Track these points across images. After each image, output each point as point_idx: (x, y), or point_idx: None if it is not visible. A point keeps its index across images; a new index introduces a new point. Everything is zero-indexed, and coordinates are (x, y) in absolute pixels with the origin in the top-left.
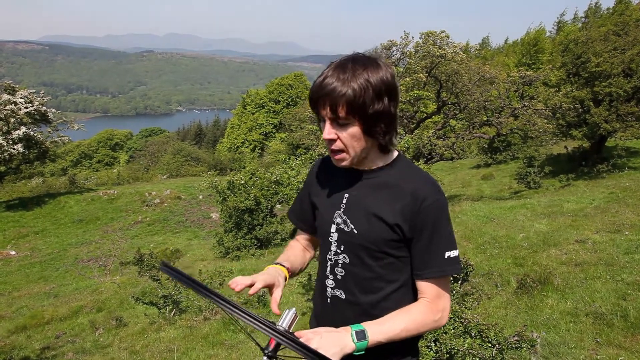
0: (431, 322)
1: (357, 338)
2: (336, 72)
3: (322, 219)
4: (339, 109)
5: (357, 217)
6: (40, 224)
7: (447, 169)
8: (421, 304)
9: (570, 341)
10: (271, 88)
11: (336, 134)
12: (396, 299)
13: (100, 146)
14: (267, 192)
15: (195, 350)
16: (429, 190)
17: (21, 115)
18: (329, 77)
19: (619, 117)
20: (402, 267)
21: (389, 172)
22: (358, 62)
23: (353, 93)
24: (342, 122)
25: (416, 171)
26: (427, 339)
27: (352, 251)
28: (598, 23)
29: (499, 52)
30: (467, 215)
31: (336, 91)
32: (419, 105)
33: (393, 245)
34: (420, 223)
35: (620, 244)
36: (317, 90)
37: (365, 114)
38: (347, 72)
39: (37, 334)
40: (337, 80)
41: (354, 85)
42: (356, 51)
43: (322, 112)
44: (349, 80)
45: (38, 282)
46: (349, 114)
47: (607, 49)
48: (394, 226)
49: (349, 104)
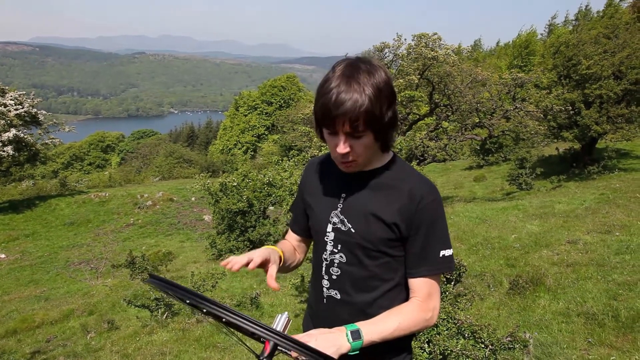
0: (422, 321)
1: (352, 338)
2: (347, 84)
3: (318, 219)
4: (359, 124)
5: (355, 217)
6: (31, 227)
7: (440, 171)
8: (413, 304)
9: (563, 341)
10: (264, 90)
11: (350, 146)
12: (391, 297)
13: (92, 148)
14: (260, 193)
15: (188, 353)
16: (425, 189)
17: (11, 117)
18: (344, 93)
19: (609, 119)
20: (397, 266)
21: (385, 172)
22: (363, 70)
23: (371, 106)
24: (358, 135)
25: (412, 171)
26: (420, 340)
27: (349, 250)
28: (588, 26)
29: (490, 55)
30: (460, 216)
31: (356, 106)
32: (412, 107)
33: (390, 245)
34: (417, 222)
35: (611, 244)
36: (334, 108)
37: (381, 124)
38: (359, 83)
39: (28, 337)
40: (353, 93)
41: (370, 97)
42: (348, 53)
43: (339, 128)
44: (363, 92)
45: (28, 285)
46: (366, 127)
47: (598, 52)
48: (392, 225)
49: (368, 118)
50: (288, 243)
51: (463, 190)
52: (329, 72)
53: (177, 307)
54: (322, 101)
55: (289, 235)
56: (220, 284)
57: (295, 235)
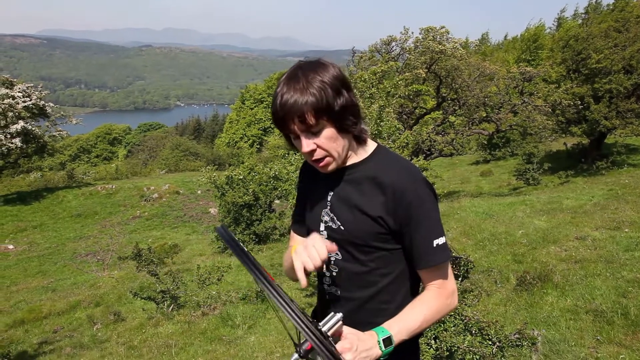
0: (445, 306)
1: (385, 345)
2: (290, 85)
3: (311, 219)
4: (308, 118)
5: (342, 213)
6: (39, 219)
7: (446, 165)
8: (431, 291)
9: (571, 339)
10: (270, 83)
11: (314, 144)
12: (392, 291)
13: (99, 141)
14: (266, 187)
15: (194, 346)
16: (407, 181)
17: (19, 109)
18: (286, 94)
19: (618, 113)
20: (394, 259)
21: (368, 165)
22: (306, 69)
23: (315, 98)
24: (315, 130)
25: (395, 162)
26: (427, 336)
27: (342, 247)
28: (598, 19)
29: (498, 48)
30: (466, 211)
31: (298, 102)
32: (419, 101)
33: (380, 239)
34: (403, 215)
35: (620, 241)
36: (280, 109)
37: (332, 113)
38: (300, 82)
39: (35, 328)
40: (294, 92)
41: (312, 91)
42: (355, 47)
43: (292, 128)
44: (306, 88)
45: (36, 276)
46: (318, 119)
47: (608, 46)
48: (378, 219)
49: (315, 109)
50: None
51: (470, 185)
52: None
53: (182, 299)
54: (272, 109)
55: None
56: (226, 277)
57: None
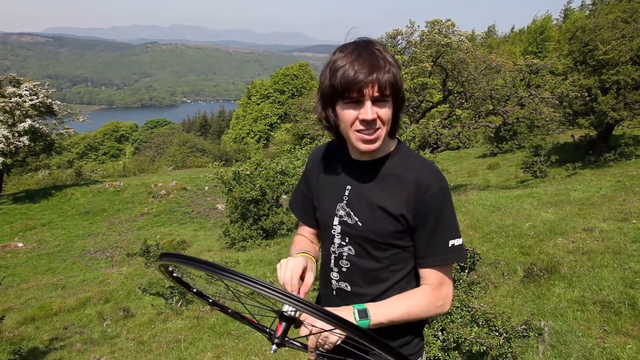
0: (434, 307)
1: (359, 316)
2: (369, 55)
3: (324, 212)
4: (387, 88)
5: (361, 209)
6: (47, 216)
7: (453, 159)
8: (424, 290)
9: (578, 330)
10: (276, 78)
11: (377, 114)
12: (401, 287)
13: (106, 138)
14: (273, 182)
15: (202, 341)
16: (432, 178)
17: (26, 108)
18: (369, 60)
19: (626, 105)
20: (407, 256)
21: (390, 161)
22: (376, 46)
23: (396, 73)
24: (384, 101)
25: (418, 159)
26: (434, 327)
27: (357, 243)
28: (606, 10)
29: (505, 41)
30: (474, 204)
31: (384, 71)
32: (425, 94)
33: (398, 236)
34: (424, 212)
35: (628, 232)
36: (365, 71)
37: (400, 94)
38: (378, 53)
39: (46, 325)
40: (378, 60)
41: (393, 65)
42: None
43: (367, 92)
44: (386, 60)
45: (46, 273)
46: (391, 94)
47: (615, 37)
48: (399, 217)
49: (393, 83)
50: (304, 240)
51: (477, 178)
52: (334, 55)
53: (191, 295)
54: (341, 73)
55: (302, 230)
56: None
57: (310, 229)
